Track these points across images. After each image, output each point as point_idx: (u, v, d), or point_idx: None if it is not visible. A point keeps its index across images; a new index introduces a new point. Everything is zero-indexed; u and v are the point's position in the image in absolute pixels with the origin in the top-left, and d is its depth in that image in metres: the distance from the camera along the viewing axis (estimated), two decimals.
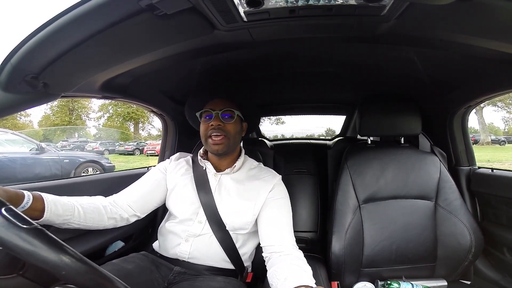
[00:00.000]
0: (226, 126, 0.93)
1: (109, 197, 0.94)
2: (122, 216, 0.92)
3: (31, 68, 0.59)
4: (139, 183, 1.01)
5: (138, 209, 0.96)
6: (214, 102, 0.96)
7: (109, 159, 6.72)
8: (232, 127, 0.94)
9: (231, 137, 0.93)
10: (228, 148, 0.94)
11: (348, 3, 0.54)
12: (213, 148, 0.93)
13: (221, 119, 0.92)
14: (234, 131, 0.95)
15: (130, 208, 0.94)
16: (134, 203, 0.95)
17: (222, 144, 0.92)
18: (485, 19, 0.57)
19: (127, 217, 0.94)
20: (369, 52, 0.93)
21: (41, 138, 11.21)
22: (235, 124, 0.95)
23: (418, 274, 1.09)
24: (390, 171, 1.14)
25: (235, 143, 0.97)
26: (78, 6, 0.49)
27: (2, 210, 0.38)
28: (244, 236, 0.95)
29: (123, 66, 0.79)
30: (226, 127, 0.93)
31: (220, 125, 0.92)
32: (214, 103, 0.95)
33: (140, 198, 0.96)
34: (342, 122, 2.24)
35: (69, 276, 0.38)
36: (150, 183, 1.00)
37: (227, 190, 0.95)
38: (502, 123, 20.09)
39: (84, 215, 0.82)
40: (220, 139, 0.91)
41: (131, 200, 0.95)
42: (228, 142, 0.93)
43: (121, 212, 0.92)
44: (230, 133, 0.93)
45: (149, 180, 1.01)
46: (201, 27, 0.62)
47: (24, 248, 0.36)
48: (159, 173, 1.02)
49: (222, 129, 0.92)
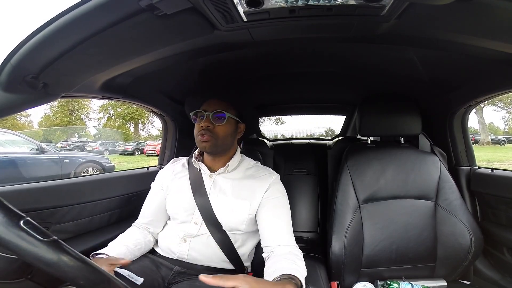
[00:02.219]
0: (216, 128, 0.92)
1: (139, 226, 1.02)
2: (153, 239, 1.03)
3: (31, 68, 0.58)
4: (148, 205, 1.04)
5: (157, 227, 1.03)
6: (208, 102, 0.95)
7: (109, 159, 6.72)
8: (222, 129, 0.93)
9: (218, 138, 0.92)
10: (216, 148, 0.93)
11: (348, 3, 0.54)
12: (201, 145, 0.93)
13: (211, 120, 0.92)
14: (224, 133, 0.93)
15: (149, 230, 1.02)
16: (150, 225, 1.02)
17: (209, 142, 0.91)
18: (485, 19, 0.57)
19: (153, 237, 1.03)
20: (369, 52, 0.93)
21: (41, 139, 11.19)
22: (226, 126, 0.94)
23: (418, 274, 1.09)
24: (390, 171, 1.14)
25: (225, 144, 0.96)
26: (78, 6, 0.48)
27: (21, 223, 0.39)
28: (242, 236, 0.95)
29: (123, 66, 0.79)
30: (216, 129, 0.92)
31: (210, 127, 0.91)
32: (208, 103, 0.95)
33: (152, 220, 1.02)
34: (342, 122, 2.23)
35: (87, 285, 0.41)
36: (156, 202, 1.02)
37: (223, 190, 0.94)
38: (502, 123, 20.10)
39: (133, 255, 0.92)
40: (207, 138, 0.91)
41: (147, 222, 1.02)
42: (215, 142, 0.92)
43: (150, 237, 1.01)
44: (218, 134, 0.92)
45: (154, 201, 1.03)
46: (201, 27, 0.62)
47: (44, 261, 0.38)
48: (159, 190, 1.03)
49: (210, 130, 0.91)
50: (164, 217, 1.02)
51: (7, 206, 0.40)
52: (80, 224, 1.10)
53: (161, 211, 1.01)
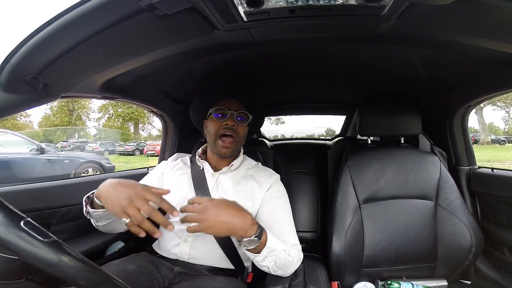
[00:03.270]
0: (239, 128, 0.93)
1: None
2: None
3: (31, 69, 0.58)
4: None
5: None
6: (228, 101, 0.95)
7: (109, 159, 6.72)
8: (243, 130, 0.94)
9: (239, 141, 0.94)
10: (234, 152, 0.95)
11: (348, 3, 0.54)
12: (222, 150, 0.93)
13: (235, 120, 0.92)
14: (244, 135, 0.95)
15: None
16: None
17: (231, 148, 0.92)
18: (485, 19, 0.57)
19: None
20: (369, 52, 0.93)
21: (41, 139, 11.20)
22: (247, 128, 0.96)
23: (418, 274, 1.09)
24: (390, 171, 1.14)
25: (241, 146, 0.98)
26: (78, 6, 0.49)
27: (21, 223, 0.39)
28: None
29: (123, 66, 0.79)
30: (239, 129, 0.93)
31: (234, 126, 0.92)
32: (229, 102, 0.94)
33: None
34: (342, 122, 2.24)
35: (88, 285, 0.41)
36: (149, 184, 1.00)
37: (225, 190, 0.95)
38: (502, 123, 20.10)
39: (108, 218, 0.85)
40: (230, 142, 0.91)
41: None
42: (236, 146, 0.94)
43: None
44: (240, 136, 0.93)
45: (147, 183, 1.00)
46: (201, 27, 0.62)
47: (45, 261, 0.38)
48: (156, 179, 1.02)
49: (235, 130, 0.92)
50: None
51: (7, 207, 0.40)
52: (80, 224, 1.10)
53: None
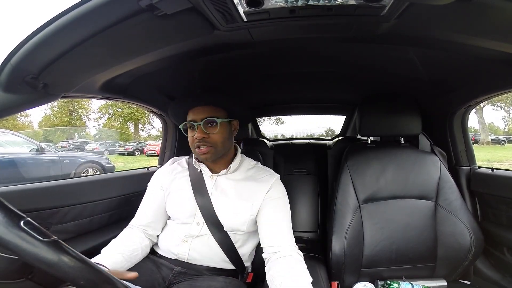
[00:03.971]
0: (211, 137, 0.89)
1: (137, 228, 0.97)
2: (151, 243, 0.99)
3: (31, 69, 0.58)
4: (147, 206, 1.00)
5: (156, 230, 0.99)
6: (194, 111, 0.91)
7: (109, 159, 6.72)
8: (218, 136, 0.90)
9: (218, 146, 0.90)
10: (216, 156, 0.92)
11: (348, 3, 0.54)
12: (201, 157, 0.92)
13: (204, 129, 0.88)
14: (221, 139, 0.90)
15: (147, 233, 0.97)
16: (149, 227, 0.97)
17: (209, 153, 0.89)
18: (485, 19, 0.57)
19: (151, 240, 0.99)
20: (369, 52, 0.93)
21: (41, 139, 11.21)
22: (221, 131, 0.90)
23: (418, 274, 1.09)
24: (390, 171, 1.14)
25: (224, 148, 0.94)
26: (78, 6, 0.48)
27: (21, 223, 0.39)
28: (243, 236, 0.95)
29: (123, 66, 0.79)
30: (211, 137, 0.89)
31: (205, 137, 0.88)
32: (195, 112, 0.90)
33: (152, 221, 0.98)
34: (342, 122, 2.24)
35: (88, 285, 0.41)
36: (156, 203, 0.99)
37: (224, 191, 0.94)
38: (502, 123, 20.09)
39: (130, 263, 0.87)
40: (206, 149, 0.88)
41: (146, 224, 0.97)
42: (215, 151, 0.90)
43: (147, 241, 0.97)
44: (216, 142, 0.89)
45: (153, 201, 1.00)
46: (201, 27, 0.62)
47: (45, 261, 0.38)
48: (158, 190, 1.00)
49: (206, 140, 0.88)
50: (164, 218, 1.00)
51: (7, 207, 0.40)
52: (81, 224, 1.10)
53: (161, 213, 0.98)
